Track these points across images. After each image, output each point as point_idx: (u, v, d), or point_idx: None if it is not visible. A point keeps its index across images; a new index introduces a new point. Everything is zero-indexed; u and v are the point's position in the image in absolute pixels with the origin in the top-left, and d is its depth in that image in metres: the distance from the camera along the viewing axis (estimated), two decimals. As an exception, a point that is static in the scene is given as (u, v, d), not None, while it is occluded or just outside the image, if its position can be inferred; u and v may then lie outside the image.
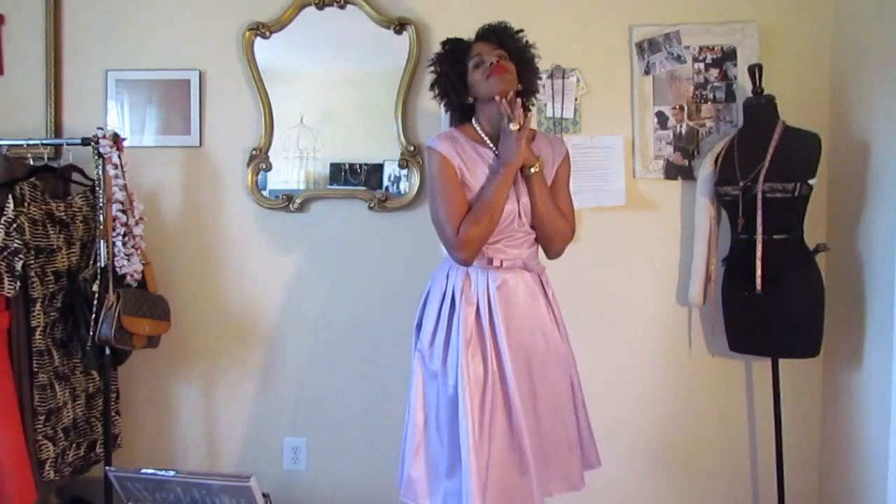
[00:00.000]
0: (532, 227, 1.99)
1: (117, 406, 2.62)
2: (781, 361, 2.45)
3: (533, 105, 2.11)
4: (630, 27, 2.60)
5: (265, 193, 2.71)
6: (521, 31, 2.04)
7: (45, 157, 2.52)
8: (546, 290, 2.04)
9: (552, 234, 2.00)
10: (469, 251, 1.93)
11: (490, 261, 1.96)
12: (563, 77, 2.61)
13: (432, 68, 2.07)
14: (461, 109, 2.07)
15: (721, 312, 2.48)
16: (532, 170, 1.94)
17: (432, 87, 2.08)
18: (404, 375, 2.12)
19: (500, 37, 2.00)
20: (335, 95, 2.74)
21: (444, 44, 2.06)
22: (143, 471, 1.97)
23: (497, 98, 1.92)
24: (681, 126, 2.60)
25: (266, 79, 2.67)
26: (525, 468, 1.92)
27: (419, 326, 2.07)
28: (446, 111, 2.13)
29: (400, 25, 2.62)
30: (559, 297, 2.09)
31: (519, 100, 1.95)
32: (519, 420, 1.91)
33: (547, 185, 1.99)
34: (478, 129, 2.03)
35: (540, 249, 2.07)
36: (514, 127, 1.90)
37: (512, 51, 2.00)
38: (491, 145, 2.00)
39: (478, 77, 1.96)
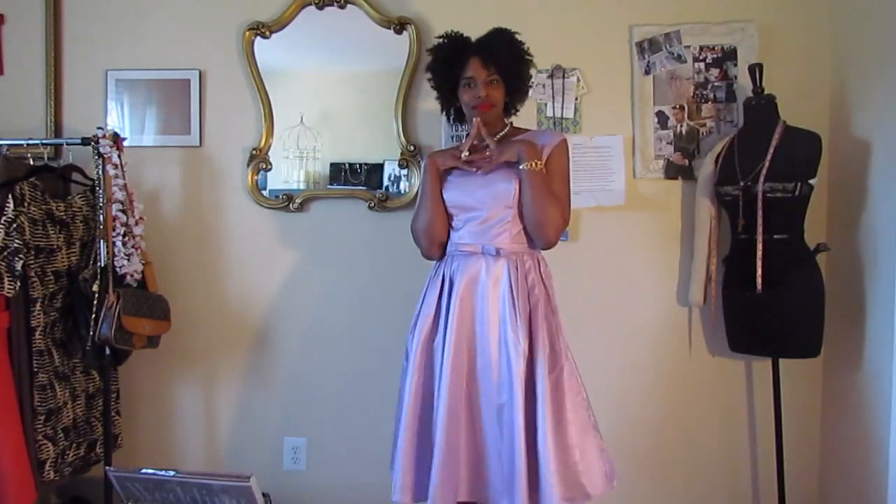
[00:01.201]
0: (506, 213, 2.01)
1: (117, 406, 2.62)
2: (781, 361, 2.45)
3: (515, 113, 2.17)
4: (630, 27, 2.60)
5: (265, 193, 2.71)
6: (521, 42, 2.05)
7: (45, 156, 2.52)
8: (516, 281, 1.96)
9: (540, 221, 1.97)
10: (421, 243, 2.10)
11: (454, 247, 2.06)
12: (563, 77, 2.61)
13: (430, 54, 2.11)
14: (455, 111, 2.17)
15: (721, 312, 2.48)
16: (521, 166, 1.97)
17: (428, 69, 2.13)
18: (404, 375, 2.13)
19: (495, 55, 2.01)
20: (335, 95, 2.74)
21: (440, 46, 2.07)
22: (143, 471, 1.97)
23: (475, 120, 2.01)
24: (681, 126, 2.60)
25: (266, 79, 2.67)
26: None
27: None
28: (441, 110, 2.19)
29: (400, 25, 2.61)
30: (558, 296, 2.08)
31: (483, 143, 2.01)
32: (451, 411, 1.95)
33: (542, 179, 1.97)
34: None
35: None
36: (463, 156, 2.01)
37: (504, 69, 2.02)
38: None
39: (465, 99, 2.04)
